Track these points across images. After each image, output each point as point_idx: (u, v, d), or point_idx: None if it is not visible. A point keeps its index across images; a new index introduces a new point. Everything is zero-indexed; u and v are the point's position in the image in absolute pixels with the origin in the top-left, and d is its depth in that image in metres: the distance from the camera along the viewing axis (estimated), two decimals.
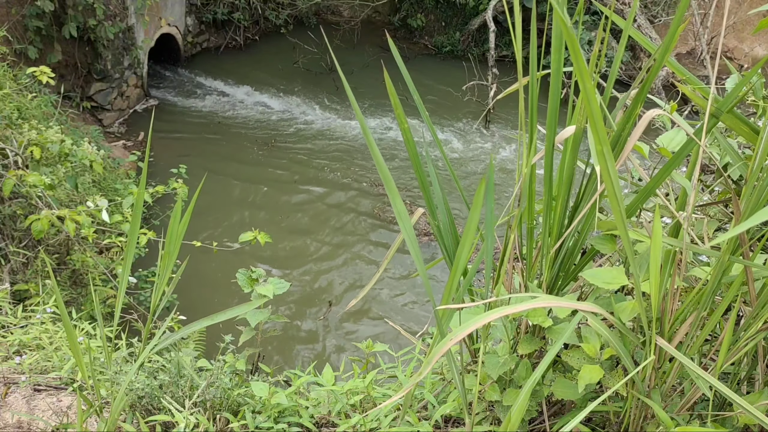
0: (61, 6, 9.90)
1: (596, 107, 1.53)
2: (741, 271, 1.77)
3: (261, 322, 2.80)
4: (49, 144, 5.33)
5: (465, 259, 1.79)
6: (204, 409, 2.56)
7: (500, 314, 1.59)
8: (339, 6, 16.14)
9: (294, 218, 9.99)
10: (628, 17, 1.92)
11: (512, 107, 13.25)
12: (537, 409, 2.16)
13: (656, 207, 1.73)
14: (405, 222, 1.86)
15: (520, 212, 2.08)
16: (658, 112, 1.73)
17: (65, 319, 2.11)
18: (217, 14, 14.19)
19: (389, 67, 1.88)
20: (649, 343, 1.81)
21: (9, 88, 6.94)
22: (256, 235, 4.27)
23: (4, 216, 5.18)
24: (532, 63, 1.94)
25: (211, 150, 11.36)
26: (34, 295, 4.72)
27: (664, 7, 13.87)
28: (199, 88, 13.31)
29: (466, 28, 15.32)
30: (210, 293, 8.15)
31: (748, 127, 1.84)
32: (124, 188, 8.62)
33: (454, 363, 2.04)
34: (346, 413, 2.64)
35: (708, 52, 12.87)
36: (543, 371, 1.63)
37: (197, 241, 5.32)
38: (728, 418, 1.94)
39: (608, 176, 1.59)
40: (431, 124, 2.16)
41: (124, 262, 2.32)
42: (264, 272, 2.86)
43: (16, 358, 3.05)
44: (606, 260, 2.29)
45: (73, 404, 2.80)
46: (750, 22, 14.68)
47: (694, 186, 1.81)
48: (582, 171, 2.09)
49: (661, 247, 1.67)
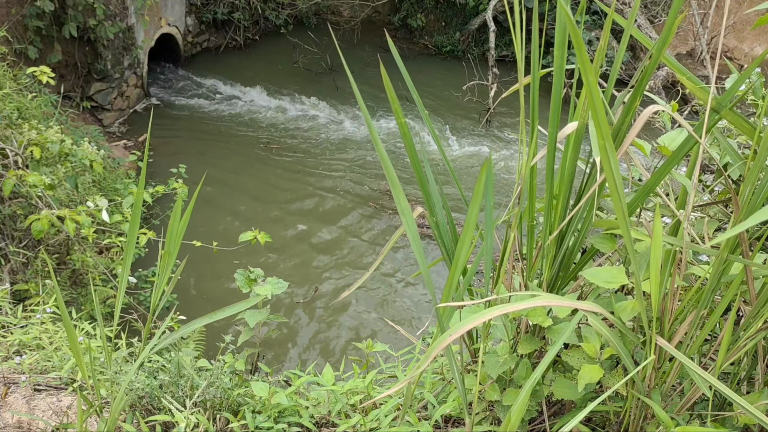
0: (61, 6, 9.90)
1: (599, 100, 1.53)
2: (741, 270, 1.77)
3: (260, 322, 2.79)
4: (49, 144, 5.32)
5: (465, 256, 1.79)
6: (204, 409, 2.55)
7: (500, 312, 1.59)
8: (339, 6, 16.15)
9: (295, 217, 9.99)
10: (628, 17, 1.92)
11: (513, 107, 13.24)
12: (537, 409, 2.16)
13: (657, 206, 1.73)
14: (408, 218, 1.86)
15: (520, 210, 2.08)
16: (657, 108, 1.73)
17: (65, 319, 2.11)
18: (217, 14, 14.20)
19: (390, 68, 1.88)
20: (649, 343, 1.81)
21: (9, 88, 6.94)
22: (256, 235, 4.27)
23: (4, 216, 5.18)
24: (534, 62, 1.94)
25: (211, 150, 11.36)
26: (34, 295, 4.72)
27: (664, 7, 13.87)
28: (199, 88, 13.31)
29: (466, 28, 15.32)
30: (211, 293, 8.16)
31: (749, 125, 1.84)
32: (124, 188, 8.62)
33: (454, 362, 2.04)
34: (346, 413, 2.63)
35: (708, 52, 12.87)
36: (543, 371, 1.63)
37: (197, 241, 5.32)
38: (728, 417, 1.94)
39: (609, 169, 1.58)
40: (430, 122, 2.16)
41: (123, 262, 2.32)
42: (262, 272, 2.86)
43: (16, 358, 3.05)
44: (606, 259, 2.29)
45: (73, 404, 2.79)
46: (750, 22, 14.68)
47: (694, 184, 1.81)
48: (582, 171, 2.09)
49: (661, 246, 1.67)
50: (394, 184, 1.85)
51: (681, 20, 1.80)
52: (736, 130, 2.36)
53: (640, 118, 1.67)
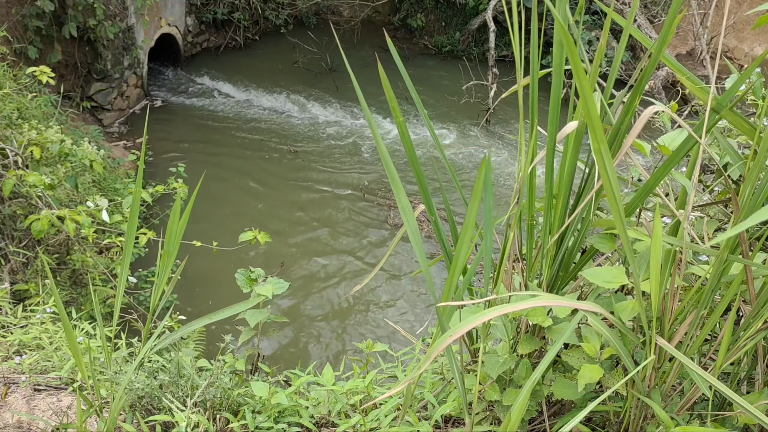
0: (61, 6, 9.90)
1: (593, 105, 1.53)
2: (740, 270, 1.77)
3: (260, 323, 2.80)
4: (49, 144, 5.32)
5: (464, 254, 1.79)
6: (204, 409, 2.55)
7: (500, 312, 1.59)
8: (339, 6, 16.15)
9: (295, 216, 10.00)
10: (628, 17, 1.92)
11: (512, 107, 13.24)
12: (537, 408, 2.16)
13: (656, 206, 1.73)
14: (408, 216, 1.86)
15: (520, 210, 2.08)
16: (657, 109, 1.73)
17: (65, 319, 2.11)
18: (217, 14, 14.20)
19: (389, 68, 1.88)
20: (649, 343, 1.80)
21: (9, 88, 6.94)
22: (256, 235, 4.27)
23: (4, 216, 5.18)
24: (533, 62, 1.94)
25: (211, 149, 11.36)
26: (34, 295, 4.72)
27: (663, 6, 13.87)
28: (199, 88, 13.31)
29: (466, 28, 15.32)
30: (215, 291, 8.16)
31: (749, 125, 1.84)
32: (124, 188, 8.62)
33: (454, 362, 2.04)
34: (346, 413, 2.63)
35: (708, 52, 12.87)
36: (543, 371, 1.63)
37: (197, 241, 5.32)
38: (728, 417, 1.94)
39: (605, 173, 1.59)
40: (429, 122, 2.16)
41: (122, 262, 2.32)
42: (263, 272, 2.86)
43: (16, 358, 3.05)
44: (605, 259, 2.29)
45: (73, 404, 2.79)
46: (750, 22, 14.68)
47: (694, 184, 1.81)
48: (583, 171, 2.09)
49: (661, 246, 1.67)
50: (394, 182, 1.85)
51: (680, 20, 1.80)
52: (736, 130, 2.37)
53: (640, 119, 1.67)
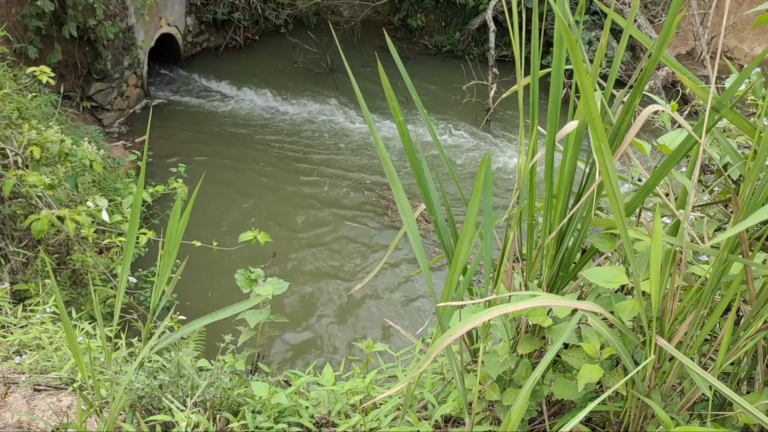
0: (61, 6, 9.90)
1: (593, 102, 1.53)
2: (740, 270, 1.77)
3: (260, 323, 2.79)
4: (49, 144, 5.32)
5: (464, 254, 1.79)
6: (204, 409, 2.55)
7: (500, 312, 1.59)
8: (339, 6, 16.15)
9: (295, 216, 9.99)
10: (628, 17, 1.92)
11: (512, 107, 13.24)
12: (537, 408, 2.16)
13: (656, 206, 1.73)
14: (408, 216, 1.86)
15: (520, 209, 2.08)
16: (657, 108, 1.73)
17: (65, 319, 2.11)
18: (217, 14, 14.19)
19: (389, 68, 1.88)
20: (649, 343, 1.80)
21: (9, 88, 6.94)
22: (256, 235, 4.27)
23: (4, 216, 5.18)
24: (534, 62, 1.94)
25: (211, 149, 11.36)
26: (34, 295, 4.72)
27: (663, 6, 13.87)
28: (199, 88, 13.31)
29: (466, 28, 15.31)
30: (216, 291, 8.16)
31: (749, 125, 1.84)
32: (124, 188, 8.62)
33: (454, 362, 2.04)
34: (346, 413, 2.63)
35: (708, 52, 12.87)
36: (543, 371, 1.63)
37: (197, 241, 5.32)
38: (728, 417, 1.94)
39: (606, 171, 1.59)
40: (429, 121, 2.16)
41: (123, 262, 2.32)
42: (262, 272, 2.86)
43: (16, 358, 3.05)
44: (605, 259, 2.29)
45: (73, 404, 2.79)
46: (750, 22, 14.68)
47: (694, 184, 1.81)
48: (582, 171, 2.09)
49: (661, 246, 1.67)
50: (394, 182, 1.85)
51: (680, 20, 1.80)
52: (736, 130, 2.37)
53: (640, 117, 1.67)
